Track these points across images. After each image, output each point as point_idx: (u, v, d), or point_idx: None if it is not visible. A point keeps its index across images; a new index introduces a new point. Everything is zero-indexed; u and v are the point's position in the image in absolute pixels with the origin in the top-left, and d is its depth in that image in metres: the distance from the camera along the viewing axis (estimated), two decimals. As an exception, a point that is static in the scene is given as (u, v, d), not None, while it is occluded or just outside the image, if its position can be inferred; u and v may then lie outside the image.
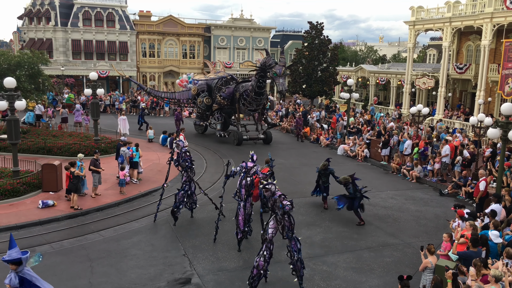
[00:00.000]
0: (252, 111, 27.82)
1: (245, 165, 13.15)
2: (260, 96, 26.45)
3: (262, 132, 28.63)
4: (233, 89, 28.05)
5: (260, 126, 29.25)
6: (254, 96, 26.28)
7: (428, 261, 9.88)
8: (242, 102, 27.26)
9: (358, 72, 50.74)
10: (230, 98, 28.11)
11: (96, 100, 23.43)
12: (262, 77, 25.60)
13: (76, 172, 15.43)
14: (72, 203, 15.37)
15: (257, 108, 27.65)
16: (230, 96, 28.05)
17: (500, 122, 14.16)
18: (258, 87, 25.91)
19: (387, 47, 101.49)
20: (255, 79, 25.98)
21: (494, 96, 32.86)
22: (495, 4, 29.43)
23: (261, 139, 28.46)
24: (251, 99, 26.54)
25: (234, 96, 27.90)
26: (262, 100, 26.98)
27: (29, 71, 27.87)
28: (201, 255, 12.24)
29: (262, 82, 25.91)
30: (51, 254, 12.05)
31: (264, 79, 25.90)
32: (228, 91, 28.05)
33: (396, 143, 24.33)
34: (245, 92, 26.92)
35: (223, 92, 28.16)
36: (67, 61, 50.34)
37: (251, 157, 13.75)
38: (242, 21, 58.99)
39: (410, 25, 37.54)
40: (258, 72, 25.53)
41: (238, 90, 27.65)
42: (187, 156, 14.51)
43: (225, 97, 28.07)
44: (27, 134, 24.55)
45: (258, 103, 27.01)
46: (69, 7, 50.95)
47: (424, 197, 18.50)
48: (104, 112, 39.73)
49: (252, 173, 13.17)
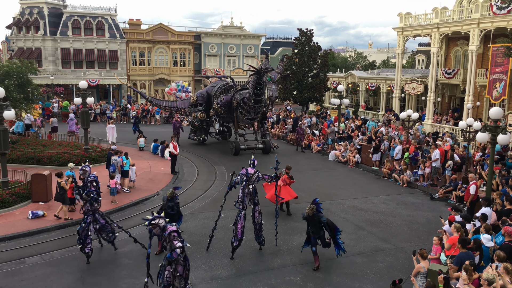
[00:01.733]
0: (251, 119, 26.92)
1: (245, 172, 12.83)
2: (258, 104, 25.57)
3: (261, 142, 27.78)
4: (231, 97, 27.24)
5: (259, 135, 28.24)
6: (252, 104, 25.38)
7: (420, 266, 9.91)
8: (240, 110, 26.35)
9: (348, 78, 51.04)
10: (227, 107, 27.27)
11: (86, 109, 23.31)
12: (259, 84, 24.62)
13: (62, 184, 15.19)
14: (58, 213, 15.13)
15: (255, 117, 26.77)
16: (227, 104, 27.20)
17: (489, 126, 14.30)
18: (255, 94, 24.97)
19: (377, 53, 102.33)
20: (252, 86, 25.09)
21: (483, 100, 33.20)
22: (481, 10, 29.82)
23: (259, 149, 27.55)
24: (249, 107, 25.64)
25: (232, 105, 27.07)
26: (260, 108, 26.08)
27: (18, 81, 27.65)
28: (194, 263, 12.14)
29: (260, 89, 24.92)
30: (41, 265, 11.90)
31: (262, 86, 24.94)
32: (226, 99, 27.21)
33: (387, 148, 24.50)
34: (242, 100, 26.05)
35: (220, 100, 27.30)
36: (57, 70, 50.09)
37: (252, 162, 13.43)
38: (232, 28, 59.18)
39: (399, 31, 37.89)
40: (254, 75, 24.59)
41: (235, 99, 26.79)
42: (94, 187, 12.46)
43: (222, 105, 27.18)
44: (16, 144, 24.32)
45: (256, 112, 26.16)
46: (58, 16, 50.79)
47: (416, 202, 18.60)
48: (94, 120, 39.54)
49: (254, 179, 12.99)
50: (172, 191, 12.91)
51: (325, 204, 17.73)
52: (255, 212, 12.94)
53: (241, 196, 12.60)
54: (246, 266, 12.02)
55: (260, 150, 27.60)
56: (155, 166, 23.70)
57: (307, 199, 18.32)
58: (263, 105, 26.42)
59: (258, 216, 12.95)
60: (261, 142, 27.74)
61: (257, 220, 12.92)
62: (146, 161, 24.54)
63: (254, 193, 12.99)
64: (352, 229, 15.10)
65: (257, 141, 27.87)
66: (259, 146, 27.61)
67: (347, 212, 16.98)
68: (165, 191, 19.16)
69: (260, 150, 27.62)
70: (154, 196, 18.44)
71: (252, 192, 12.94)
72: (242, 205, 12.48)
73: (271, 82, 24.53)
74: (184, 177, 21.75)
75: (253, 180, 12.94)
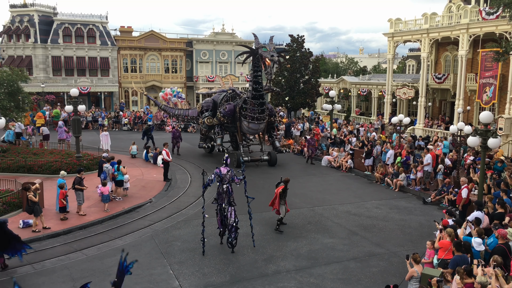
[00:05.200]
0: (255, 125, 24.66)
1: (218, 172, 13.20)
2: (260, 99, 23.86)
3: (267, 153, 26.05)
4: (234, 105, 25.63)
5: (264, 146, 26.59)
6: (252, 100, 23.85)
7: (414, 270, 9.94)
8: (243, 114, 24.69)
9: (339, 83, 51.31)
10: (231, 116, 25.59)
11: (77, 117, 23.17)
12: (257, 67, 23.41)
13: (29, 197, 14.73)
14: (34, 227, 14.78)
15: (260, 122, 24.59)
16: (230, 113, 25.54)
17: (479, 130, 14.43)
18: (255, 82, 23.54)
19: (368, 58, 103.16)
20: (251, 75, 24.00)
21: (473, 104, 33.51)
22: (470, 15, 30.17)
23: (265, 161, 25.89)
24: (251, 106, 24.05)
25: (235, 114, 25.48)
26: (263, 107, 24.19)
27: (9, 89, 27.45)
28: (187, 271, 12.08)
29: (259, 71, 23.48)
30: (32, 275, 11.76)
31: (260, 69, 23.49)
32: (229, 108, 25.54)
33: (379, 153, 24.60)
34: (244, 102, 24.77)
35: (224, 109, 25.71)
36: (48, 78, 49.80)
37: (225, 160, 13.67)
38: (224, 35, 59.30)
39: (389, 37, 38.20)
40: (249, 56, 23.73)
41: (238, 104, 25.36)
42: None
43: (225, 115, 25.52)
44: (7, 153, 24.09)
45: (260, 112, 24.16)
46: (48, 24, 50.58)
47: (408, 206, 18.66)
48: (86, 128, 39.33)
49: (229, 179, 13.25)
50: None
51: (318, 209, 17.85)
52: (228, 212, 13.19)
53: (216, 195, 13.43)
54: (240, 273, 11.97)
55: (265, 162, 26.02)
56: (147, 173, 23.60)
57: (301, 204, 18.46)
58: (267, 106, 24.87)
59: (231, 217, 13.14)
60: (267, 153, 26.07)
61: (230, 220, 13.14)
62: (139, 168, 24.42)
63: (229, 192, 13.30)
64: (346, 234, 15.11)
65: (263, 153, 26.14)
66: (264, 158, 25.91)
67: (341, 217, 17.00)
68: (158, 198, 19.13)
69: (266, 162, 26.03)
70: (146, 203, 18.34)
71: (227, 192, 13.26)
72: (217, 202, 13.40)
73: (267, 52, 22.82)
74: (177, 184, 21.67)
75: (227, 179, 13.26)
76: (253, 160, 25.72)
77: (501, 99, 29.93)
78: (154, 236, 14.67)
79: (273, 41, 24.28)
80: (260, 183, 21.84)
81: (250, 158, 25.76)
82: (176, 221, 16.20)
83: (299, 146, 30.95)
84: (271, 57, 22.62)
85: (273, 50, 22.95)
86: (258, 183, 21.72)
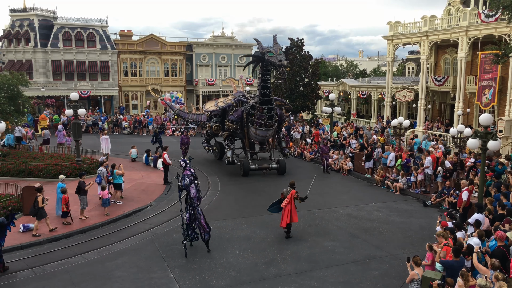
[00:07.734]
0: (263, 131, 23.54)
1: (191, 172, 13.57)
2: (268, 104, 22.88)
3: (275, 161, 24.82)
4: (241, 111, 24.46)
5: (273, 154, 25.51)
6: (260, 106, 22.85)
7: (414, 273, 9.92)
8: (251, 119, 23.60)
9: (339, 86, 51.39)
10: (239, 122, 24.46)
11: (77, 121, 23.17)
12: (265, 71, 22.59)
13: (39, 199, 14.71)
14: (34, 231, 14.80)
15: (268, 128, 23.49)
16: (239, 119, 24.42)
17: (479, 133, 14.43)
18: (263, 86, 22.62)
19: (367, 61, 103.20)
20: (259, 80, 23.16)
21: (473, 107, 33.54)
22: (469, 18, 30.23)
23: (273, 169, 24.67)
24: (258, 112, 23.02)
25: (243, 119, 24.36)
26: (271, 112, 23.16)
27: (9, 93, 27.44)
28: (188, 274, 12.06)
29: (267, 75, 22.66)
30: (33, 279, 11.75)
31: (268, 72, 22.76)
32: (236, 114, 24.45)
33: (380, 156, 24.56)
34: (251, 107, 23.65)
35: (231, 115, 24.77)
36: (48, 82, 49.83)
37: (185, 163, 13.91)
38: (223, 38, 59.39)
39: (389, 39, 38.27)
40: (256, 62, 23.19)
41: (245, 110, 24.22)
42: None
43: (234, 121, 24.40)
44: (7, 157, 24.10)
45: (268, 118, 23.14)
46: (48, 28, 50.64)
47: (409, 209, 18.65)
48: (86, 132, 39.35)
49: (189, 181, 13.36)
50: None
51: (319, 212, 17.85)
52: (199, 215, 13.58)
53: (194, 194, 13.35)
54: (240, 276, 11.96)
55: (274, 170, 24.74)
56: (147, 177, 23.58)
57: (300, 207, 18.39)
58: (274, 107, 23.46)
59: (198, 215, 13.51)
60: (275, 161, 24.82)
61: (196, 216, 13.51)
62: (139, 172, 24.41)
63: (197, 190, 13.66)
64: (346, 237, 15.09)
65: (271, 160, 24.98)
66: (272, 166, 24.67)
67: (341, 220, 16.98)
68: (158, 201, 19.12)
69: (275, 170, 24.75)
70: (147, 207, 18.32)
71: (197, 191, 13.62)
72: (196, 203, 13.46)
73: (274, 56, 21.85)
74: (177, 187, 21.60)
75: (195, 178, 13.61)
76: (260, 168, 24.63)
77: (501, 101, 29.98)
78: (155, 239, 14.66)
79: (276, 40, 23.05)
80: (260, 186, 21.84)
81: (257, 166, 24.67)
82: (176, 224, 16.16)
83: (299, 149, 30.94)
84: (280, 62, 21.66)
85: (279, 53, 22.11)
86: (258, 186, 21.71)
